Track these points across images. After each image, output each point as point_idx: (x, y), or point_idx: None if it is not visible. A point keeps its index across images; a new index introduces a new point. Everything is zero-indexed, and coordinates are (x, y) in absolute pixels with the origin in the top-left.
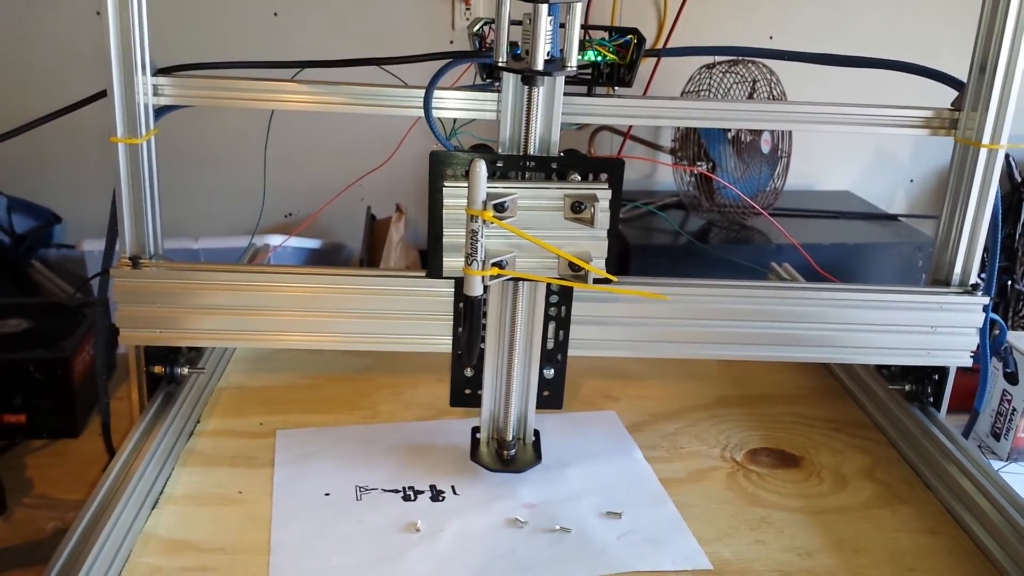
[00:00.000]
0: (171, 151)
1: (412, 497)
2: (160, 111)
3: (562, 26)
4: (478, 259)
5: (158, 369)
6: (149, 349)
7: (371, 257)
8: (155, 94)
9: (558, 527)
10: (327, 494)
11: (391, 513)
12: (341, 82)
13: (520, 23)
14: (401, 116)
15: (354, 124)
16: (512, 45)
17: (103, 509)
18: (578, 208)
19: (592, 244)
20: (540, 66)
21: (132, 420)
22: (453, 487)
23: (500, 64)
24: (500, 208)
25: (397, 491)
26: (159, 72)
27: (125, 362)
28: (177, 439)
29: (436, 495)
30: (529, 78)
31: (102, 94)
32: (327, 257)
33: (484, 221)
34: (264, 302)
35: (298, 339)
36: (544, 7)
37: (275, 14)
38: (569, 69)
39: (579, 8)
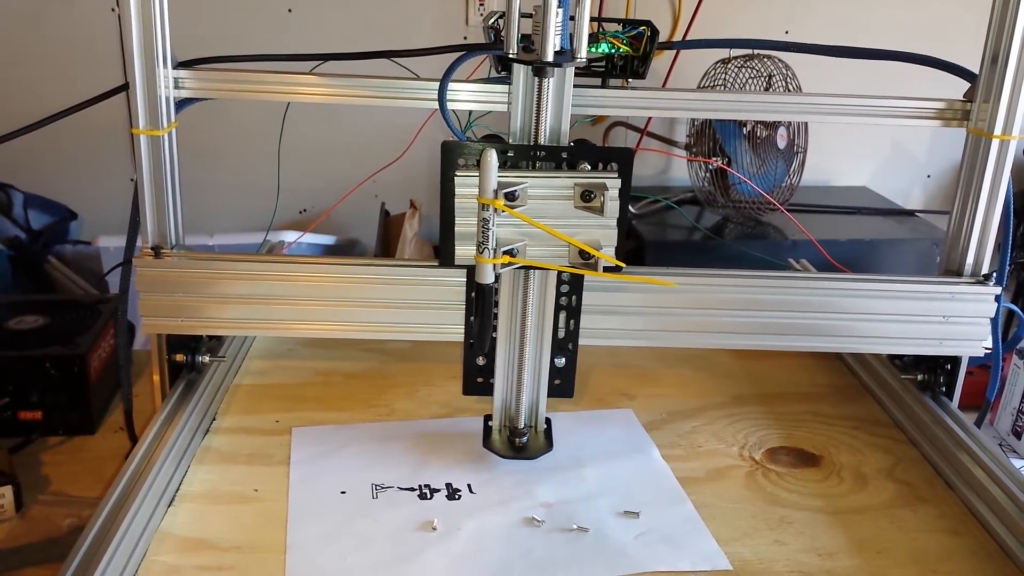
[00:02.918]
0: (186, 148)
1: (428, 495)
2: (181, 104)
3: (572, 18)
4: (489, 247)
5: (180, 357)
6: (171, 338)
7: (385, 253)
8: (176, 87)
9: (575, 526)
10: (343, 492)
11: (407, 512)
12: (358, 75)
13: (531, 15)
14: (415, 111)
15: (368, 120)
16: (524, 38)
17: (119, 507)
18: (588, 197)
19: (602, 232)
20: (550, 57)
21: (151, 413)
22: (469, 485)
23: (511, 56)
24: (511, 197)
25: (413, 489)
26: (180, 65)
27: (141, 358)
28: (193, 436)
29: (452, 493)
30: (539, 69)
31: (122, 88)
32: (341, 253)
33: (495, 210)
34: (283, 291)
35: (316, 328)
36: None
37: (289, 10)
38: (579, 60)
39: (588, 0)
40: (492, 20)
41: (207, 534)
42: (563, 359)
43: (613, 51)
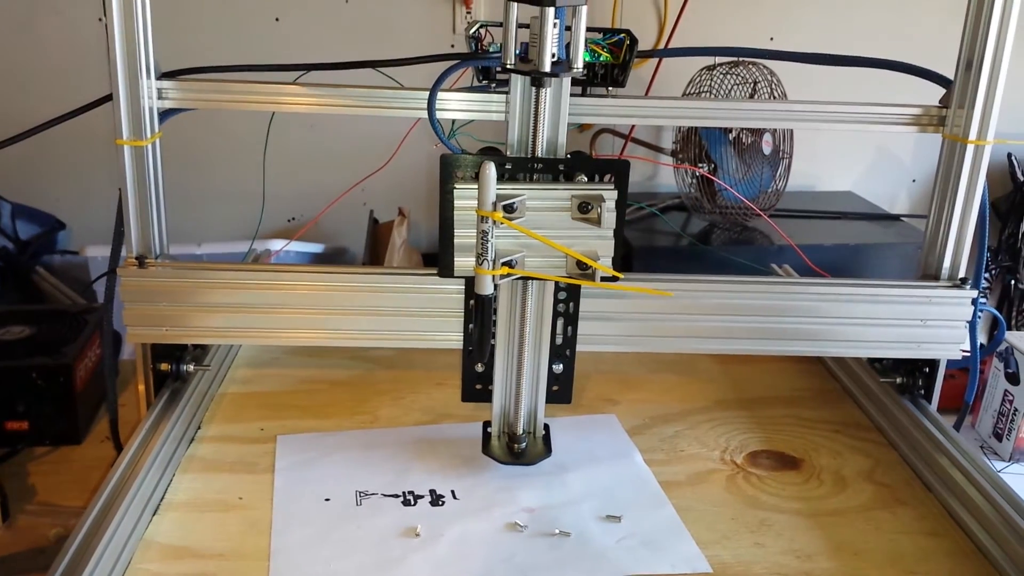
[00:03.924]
0: (176, 157)
1: (412, 502)
2: (165, 114)
3: (568, 28)
4: (488, 259)
5: (164, 366)
6: (155, 347)
7: (374, 261)
8: (159, 97)
9: (557, 531)
10: (327, 499)
11: (391, 518)
12: (343, 84)
13: (527, 26)
14: (402, 118)
15: (357, 128)
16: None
17: (104, 515)
18: (585, 208)
19: (599, 243)
20: (547, 67)
21: (136, 422)
22: (453, 491)
23: (508, 66)
24: (509, 209)
25: (397, 496)
26: (163, 76)
27: (127, 368)
28: (178, 445)
29: (436, 500)
30: (537, 79)
31: (107, 98)
32: (330, 261)
33: (494, 222)
34: (269, 300)
35: (303, 336)
36: (551, 10)
37: (276, 19)
38: (576, 70)
39: (584, 11)
40: (473, 30)
41: (191, 542)
42: (561, 365)
43: (594, 59)
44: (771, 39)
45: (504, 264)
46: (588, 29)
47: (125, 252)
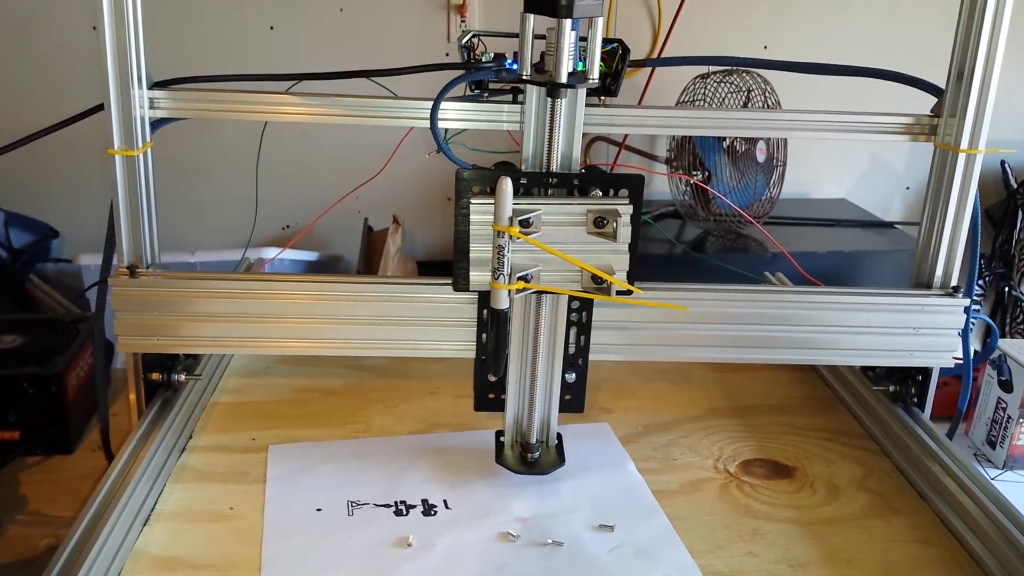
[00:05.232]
0: (171, 165)
1: (404, 512)
2: (156, 123)
3: (583, 39)
4: (504, 273)
5: (156, 376)
6: (147, 356)
7: (368, 269)
8: (151, 107)
9: (550, 541)
10: (319, 509)
11: (383, 528)
12: (336, 94)
13: (543, 37)
14: (396, 128)
15: (351, 136)
16: (498, 57)
17: (94, 526)
18: (601, 223)
19: (614, 257)
20: (564, 79)
21: (128, 432)
22: (445, 501)
23: (525, 77)
24: (525, 224)
25: (389, 506)
26: (155, 85)
27: (119, 377)
28: (169, 455)
29: (428, 509)
30: (553, 91)
31: (99, 107)
32: (325, 269)
33: (510, 237)
34: (262, 309)
35: (296, 346)
36: (568, 22)
37: (271, 28)
38: (591, 81)
39: (600, 22)
40: (466, 39)
41: (182, 552)
42: (573, 374)
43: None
44: (764, 47)
45: (520, 278)
46: (579, 39)
47: (117, 261)
